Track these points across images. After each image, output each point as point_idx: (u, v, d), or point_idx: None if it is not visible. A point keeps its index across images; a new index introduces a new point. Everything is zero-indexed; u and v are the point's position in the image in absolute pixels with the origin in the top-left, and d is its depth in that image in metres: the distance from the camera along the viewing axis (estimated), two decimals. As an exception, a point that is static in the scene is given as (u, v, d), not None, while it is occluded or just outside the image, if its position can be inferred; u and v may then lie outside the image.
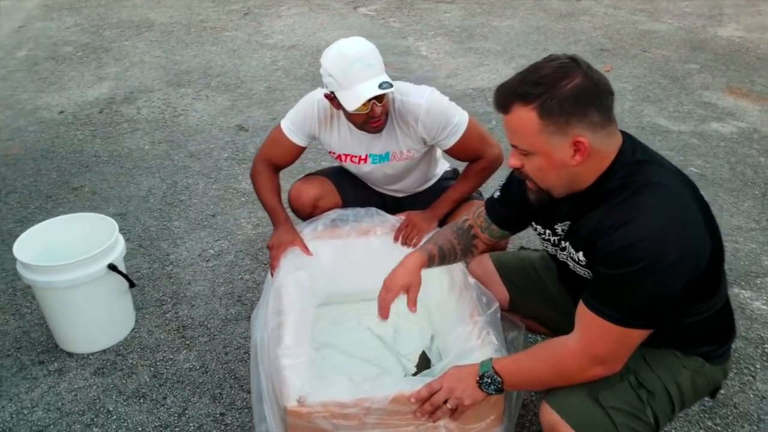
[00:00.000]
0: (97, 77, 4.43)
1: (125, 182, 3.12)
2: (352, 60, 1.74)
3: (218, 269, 2.50)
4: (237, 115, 3.90)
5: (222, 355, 2.08)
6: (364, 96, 1.74)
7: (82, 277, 1.90)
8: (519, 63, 4.81)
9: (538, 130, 1.19)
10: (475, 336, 1.61)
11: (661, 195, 1.21)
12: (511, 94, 1.21)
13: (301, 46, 5.12)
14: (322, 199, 2.16)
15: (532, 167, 1.26)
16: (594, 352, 1.24)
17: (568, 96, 1.15)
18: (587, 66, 1.19)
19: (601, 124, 1.19)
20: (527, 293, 1.74)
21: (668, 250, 1.15)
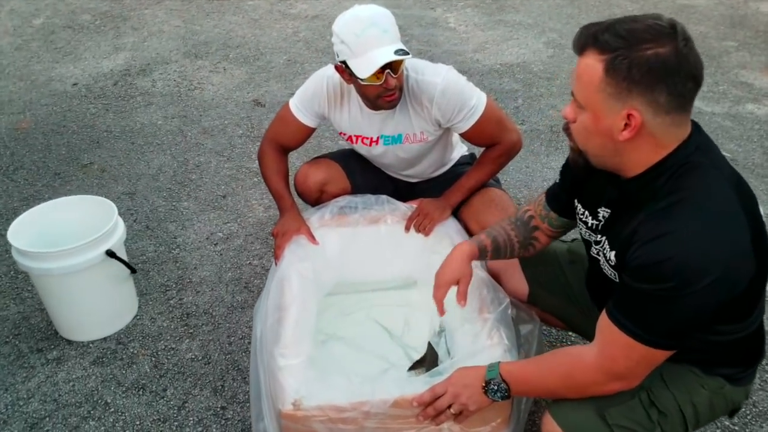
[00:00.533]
0: (114, 47, 4.34)
1: (135, 159, 3.04)
2: (367, 24, 1.62)
3: (226, 254, 2.41)
4: (254, 89, 3.78)
5: (225, 345, 2.00)
6: (379, 62, 1.60)
7: (79, 263, 1.82)
8: (550, 37, 4.60)
9: (597, 85, 1.07)
10: (484, 335, 1.52)
11: (706, 213, 1.07)
12: (591, 37, 1.09)
13: (325, 16, 4.96)
14: (329, 183, 2.06)
15: (579, 124, 1.15)
16: (613, 368, 1.16)
17: (643, 62, 1.03)
18: (685, 39, 1.04)
19: (666, 108, 1.05)
20: (548, 287, 1.64)
21: (701, 274, 1.04)
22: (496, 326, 1.51)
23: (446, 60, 4.09)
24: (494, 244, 1.54)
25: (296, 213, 1.94)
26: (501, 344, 1.46)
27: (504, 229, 1.56)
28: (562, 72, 4.05)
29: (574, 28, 5.04)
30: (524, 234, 1.56)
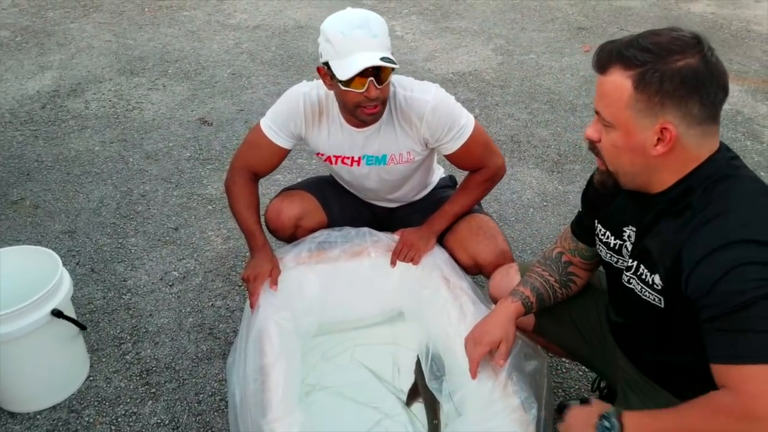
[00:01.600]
0: (39, 66, 3.99)
1: (73, 192, 2.76)
2: (356, 25, 1.50)
3: (184, 295, 2.20)
4: (199, 106, 3.54)
5: (194, 404, 1.79)
6: (362, 64, 1.47)
7: (21, 328, 1.58)
8: (497, 44, 4.57)
9: (627, 102, 1.04)
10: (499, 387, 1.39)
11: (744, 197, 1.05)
12: (615, 54, 1.05)
13: (267, 26, 4.75)
14: (304, 218, 1.90)
15: (607, 142, 1.12)
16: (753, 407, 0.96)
17: (675, 74, 1.00)
18: (709, 48, 1.03)
19: (699, 120, 1.03)
20: (556, 319, 1.54)
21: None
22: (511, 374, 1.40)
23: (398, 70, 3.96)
24: (536, 294, 1.45)
25: (269, 253, 1.77)
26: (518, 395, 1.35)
27: (539, 274, 1.48)
28: (513, 79, 4.01)
29: (519, 33, 5.07)
30: (560, 273, 1.48)
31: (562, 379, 1.90)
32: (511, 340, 1.41)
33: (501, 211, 2.70)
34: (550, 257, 1.52)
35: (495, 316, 1.43)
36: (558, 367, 1.93)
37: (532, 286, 1.47)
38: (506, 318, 1.42)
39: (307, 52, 4.32)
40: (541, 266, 1.50)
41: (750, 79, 4.16)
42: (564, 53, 4.46)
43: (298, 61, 4.17)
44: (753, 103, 3.81)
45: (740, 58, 4.50)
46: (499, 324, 1.41)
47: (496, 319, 1.42)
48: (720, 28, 5.05)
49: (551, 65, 4.25)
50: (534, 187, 2.89)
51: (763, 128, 3.52)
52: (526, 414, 1.33)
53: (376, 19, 1.55)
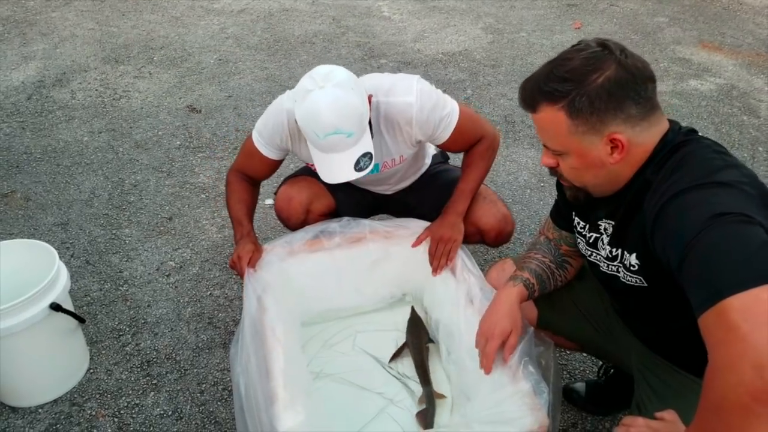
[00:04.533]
0: (23, 56, 3.91)
1: (63, 183, 2.73)
2: (328, 131, 1.43)
3: (182, 285, 2.18)
4: (186, 93, 3.50)
5: (197, 394, 1.79)
6: (337, 179, 1.54)
7: (19, 323, 1.56)
8: (486, 22, 4.53)
9: (568, 130, 1.08)
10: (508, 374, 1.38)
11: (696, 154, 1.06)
12: (537, 93, 1.10)
13: (252, 9, 4.69)
14: (314, 202, 1.88)
15: (566, 167, 1.16)
16: (738, 352, 0.83)
17: (600, 91, 1.04)
18: (621, 51, 1.06)
19: (640, 116, 1.07)
20: (558, 308, 1.53)
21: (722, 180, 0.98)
22: (522, 359, 1.38)
23: (387, 51, 3.93)
24: (536, 276, 1.43)
25: (252, 238, 1.75)
26: (528, 379, 1.34)
27: (534, 258, 1.46)
28: (504, 58, 3.99)
29: (509, 11, 5.05)
30: (553, 255, 1.47)
31: (566, 361, 1.91)
32: (519, 328, 1.38)
33: (498, 193, 2.68)
34: (539, 242, 1.51)
35: (500, 305, 1.40)
36: (560, 350, 1.93)
37: (530, 269, 1.45)
38: (511, 305, 1.39)
39: (293, 35, 4.26)
40: (534, 251, 1.49)
41: (744, 53, 4.17)
42: (555, 30, 4.44)
43: (285, 45, 4.12)
44: (748, 77, 3.82)
45: (733, 31, 4.51)
46: (506, 313, 1.38)
47: (502, 307, 1.39)
48: (711, 1, 5.06)
49: (542, 43, 4.23)
50: (530, 167, 2.88)
51: (759, 102, 3.53)
52: (537, 398, 1.32)
53: (349, 112, 1.44)
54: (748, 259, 0.87)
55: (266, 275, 1.67)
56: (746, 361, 0.81)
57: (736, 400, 0.82)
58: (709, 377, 0.87)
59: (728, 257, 0.89)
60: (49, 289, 1.63)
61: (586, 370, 1.88)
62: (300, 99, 1.47)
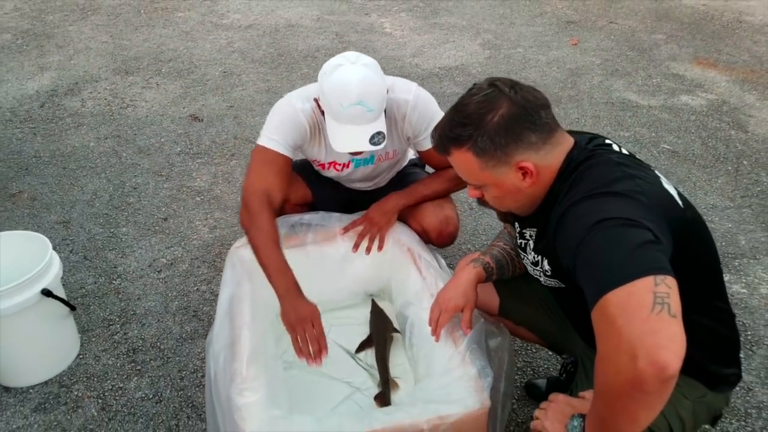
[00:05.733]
0: (39, 67, 4.12)
1: (68, 185, 2.89)
2: (354, 101, 1.57)
3: (171, 281, 2.31)
4: (190, 103, 3.66)
5: (177, 380, 1.91)
6: (351, 148, 1.65)
7: (12, 306, 1.70)
8: (485, 38, 4.65)
9: (479, 167, 1.19)
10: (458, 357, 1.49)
11: (595, 169, 1.14)
12: (445, 139, 1.21)
13: (259, 25, 4.86)
14: (291, 193, 1.98)
15: (489, 197, 1.26)
16: (614, 343, 0.92)
17: (498, 129, 1.14)
18: (511, 87, 1.17)
19: (542, 141, 1.16)
20: (519, 296, 1.62)
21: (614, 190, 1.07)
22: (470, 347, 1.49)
23: (385, 65, 4.07)
24: (496, 261, 1.54)
25: (302, 294, 1.61)
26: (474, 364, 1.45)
27: (498, 246, 1.57)
28: (499, 73, 4.09)
29: (508, 28, 5.15)
30: (514, 244, 1.55)
31: (531, 358, 1.99)
32: (472, 305, 1.49)
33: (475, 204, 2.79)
34: (503, 233, 1.62)
35: (457, 283, 1.50)
36: (528, 347, 2.02)
37: (491, 254, 1.55)
38: (468, 283, 1.49)
39: (296, 50, 4.42)
40: (498, 239, 1.60)
41: (738, 69, 4.22)
42: (552, 47, 4.54)
43: (288, 59, 4.28)
44: (740, 93, 3.88)
45: (729, 48, 4.56)
46: (462, 290, 1.49)
47: (458, 285, 1.49)
48: (711, 20, 5.11)
49: (538, 59, 4.33)
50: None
51: (749, 117, 3.58)
52: (481, 381, 1.42)
53: (374, 86, 1.58)
54: (623, 257, 0.96)
55: (242, 268, 1.78)
56: (622, 351, 0.90)
57: (616, 387, 0.93)
58: (597, 366, 0.98)
59: (606, 258, 0.99)
60: (41, 276, 1.76)
61: (550, 368, 1.96)
62: (328, 72, 1.61)
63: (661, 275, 0.94)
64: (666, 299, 0.91)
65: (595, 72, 4.07)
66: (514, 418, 1.78)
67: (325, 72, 1.63)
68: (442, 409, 1.36)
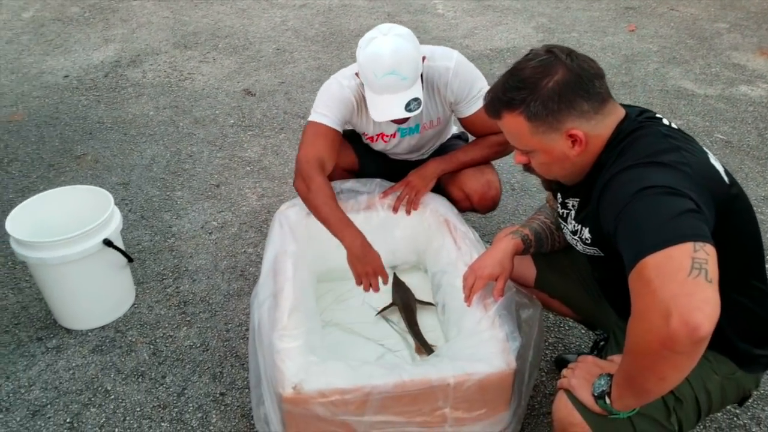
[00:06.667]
0: (104, 39, 4.32)
1: (128, 150, 3.05)
2: (387, 71, 1.64)
3: (221, 242, 2.43)
4: (244, 78, 3.78)
5: (223, 332, 2.02)
6: (388, 116, 1.72)
7: (76, 253, 1.84)
8: (539, 22, 4.61)
9: (529, 132, 1.19)
10: (486, 321, 1.54)
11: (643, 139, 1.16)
12: (497, 102, 1.22)
13: (313, 4, 4.95)
14: (340, 156, 2.02)
15: (536, 163, 1.27)
16: (649, 303, 0.96)
17: (551, 94, 1.15)
18: (567, 54, 1.17)
19: (593, 110, 1.17)
20: (557, 269, 1.64)
21: (659, 160, 1.09)
22: (500, 312, 1.53)
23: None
24: (535, 233, 1.55)
25: (368, 243, 1.74)
26: (503, 328, 1.49)
27: (539, 219, 1.58)
28: (551, 57, 4.06)
29: (563, 12, 5.06)
30: (555, 218, 1.57)
31: (563, 335, 2.02)
32: (507, 274, 1.51)
33: (523, 181, 2.81)
34: (544, 207, 1.64)
35: (494, 251, 1.52)
36: (561, 324, 2.05)
37: (530, 226, 1.57)
38: (505, 253, 1.51)
39: (348, 29, 4.49)
40: (538, 212, 1.62)
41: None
42: (607, 32, 4.46)
43: (339, 38, 4.35)
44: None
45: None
46: (498, 259, 1.50)
47: (496, 254, 1.51)
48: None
49: (592, 44, 4.27)
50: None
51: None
52: (509, 343, 1.46)
53: (406, 54, 1.64)
54: (664, 223, 0.99)
55: (288, 228, 1.87)
56: (656, 311, 0.93)
57: (647, 344, 0.97)
58: (630, 325, 1.01)
59: (648, 222, 1.01)
60: (103, 227, 1.90)
61: (581, 345, 1.99)
62: (364, 45, 1.69)
63: (701, 242, 0.96)
64: (704, 265, 0.94)
65: (651, 59, 4.00)
66: (542, 390, 1.82)
67: (361, 46, 1.70)
68: (469, 367, 1.41)
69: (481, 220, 2.49)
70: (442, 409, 1.44)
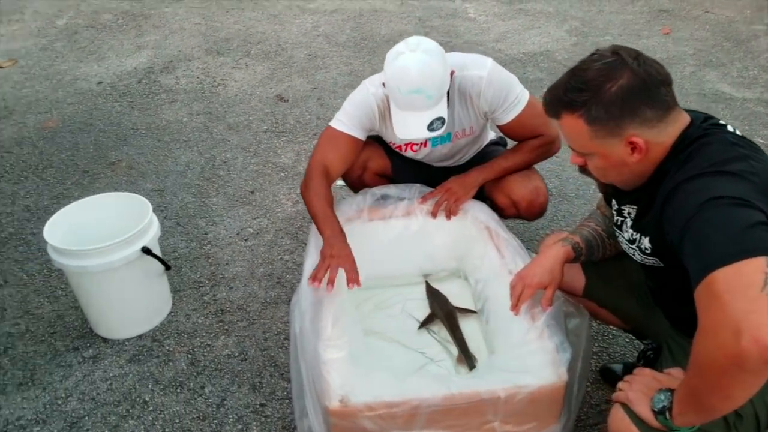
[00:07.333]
0: (137, 46, 4.35)
1: (163, 156, 3.05)
2: (413, 89, 1.63)
3: (257, 249, 2.40)
4: (277, 84, 3.77)
5: (261, 341, 1.99)
6: (410, 134, 1.71)
7: (115, 261, 1.82)
8: (572, 25, 4.54)
9: (588, 135, 1.16)
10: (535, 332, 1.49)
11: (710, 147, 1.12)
12: (557, 102, 1.18)
13: (344, 10, 4.94)
14: (371, 159, 2.04)
15: (592, 166, 1.24)
16: (719, 319, 0.93)
17: (614, 100, 1.11)
18: (635, 58, 1.13)
19: (657, 118, 1.13)
20: (606, 278, 1.59)
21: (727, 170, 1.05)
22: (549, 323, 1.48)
23: (467, 51, 4.04)
24: (586, 241, 1.51)
25: (345, 239, 1.72)
26: (552, 339, 1.44)
27: (589, 226, 1.54)
28: (586, 60, 3.99)
29: (596, 15, 4.99)
30: (607, 226, 1.53)
31: (608, 344, 1.95)
32: (557, 283, 1.46)
33: (561, 187, 2.75)
34: (594, 213, 1.59)
35: (544, 259, 1.48)
36: (605, 333, 1.98)
37: (581, 234, 1.52)
38: (555, 261, 1.46)
39: (379, 34, 4.46)
40: (592, 220, 1.57)
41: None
42: (642, 35, 4.38)
43: (371, 43, 4.33)
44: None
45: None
46: (548, 268, 1.46)
47: (545, 262, 1.47)
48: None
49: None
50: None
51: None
52: (559, 355, 1.41)
53: (433, 73, 1.62)
54: (735, 236, 0.96)
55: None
56: (726, 327, 0.91)
57: (714, 361, 0.94)
58: (697, 340, 0.98)
59: (717, 235, 0.98)
60: (142, 235, 1.88)
61: (626, 354, 1.93)
62: (392, 59, 1.67)
63: (760, 257, 0.93)
64: (758, 284, 0.90)
65: (687, 62, 3.90)
66: (588, 401, 1.76)
67: (388, 60, 1.68)
68: (519, 379, 1.37)
69: (519, 226, 2.43)
70: (492, 422, 1.40)
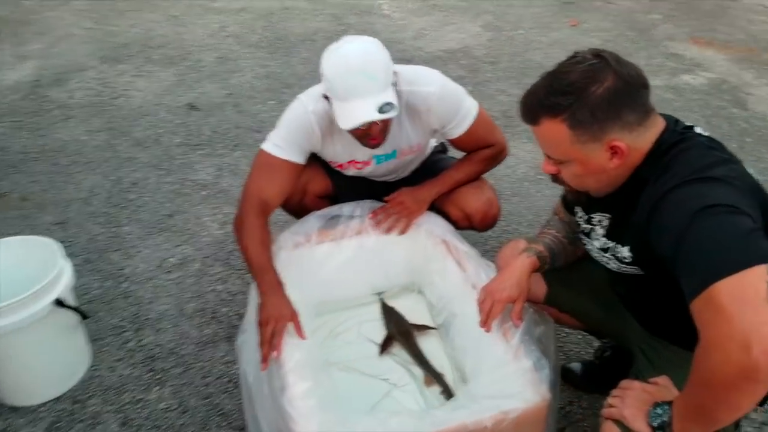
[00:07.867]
0: (18, 56, 3.89)
1: (61, 183, 2.70)
2: (355, 71, 1.48)
3: (184, 281, 2.16)
4: (186, 91, 3.49)
5: (201, 387, 1.77)
6: (358, 119, 1.51)
7: (22, 319, 1.53)
8: (486, 20, 4.55)
9: (570, 140, 1.12)
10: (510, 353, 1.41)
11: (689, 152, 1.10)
12: (538, 107, 1.13)
13: (252, 8, 4.69)
14: (311, 182, 1.89)
15: (568, 174, 1.20)
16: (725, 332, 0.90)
17: (600, 102, 1.08)
18: (616, 61, 1.10)
19: (637, 122, 1.11)
20: (567, 284, 1.55)
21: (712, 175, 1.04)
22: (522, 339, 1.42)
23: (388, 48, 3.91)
24: (549, 249, 1.47)
25: (284, 294, 1.54)
26: (529, 357, 1.38)
27: (550, 234, 1.50)
28: (503, 55, 4.01)
29: (507, 9, 5.07)
30: (567, 232, 1.49)
31: (562, 343, 1.93)
32: (525, 296, 1.43)
33: (497, 185, 2.64)
34: (553, 220, 1.55)
35: (510, 272, 1.43)
36: (557, 331, 1.92)
37: (544, 243, 1.48)
38: (522, 273, 1.42)
39: (294, 33, 4.27)
40: (548, 227, 1.53)
41: (734, 48, 4.22)
42: (552, 28, 4.46)
43: (286, 43, 4.12)
44: (738, 72, 3.87)
45: (725, 27, 4.56)
46: (515, 281, 1.42)
47: (512, 275, 1.43)
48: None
49: (540, 40, 4.25)
50: (528, 161, 2.90)
51: (747, 95, 3.58)
52: (538, 374, 1.35)
53: (375, 56, 1.51)
54: (734, 245, 0.94)
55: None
56: (733, 340, 0.88)
57: (723, 376, 0.91)
58: (700, 355, 0.95)
59: (716, 245, 0.95)
60: (53, 285, 1.61)
61: (581, 351, 1.91)
62: (329, 54, 1.54)
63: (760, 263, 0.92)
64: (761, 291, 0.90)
65: (599, 53, 4.00)
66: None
67: (325, 56, 1.55)
68: (504, 405, 1.30)
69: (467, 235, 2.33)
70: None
